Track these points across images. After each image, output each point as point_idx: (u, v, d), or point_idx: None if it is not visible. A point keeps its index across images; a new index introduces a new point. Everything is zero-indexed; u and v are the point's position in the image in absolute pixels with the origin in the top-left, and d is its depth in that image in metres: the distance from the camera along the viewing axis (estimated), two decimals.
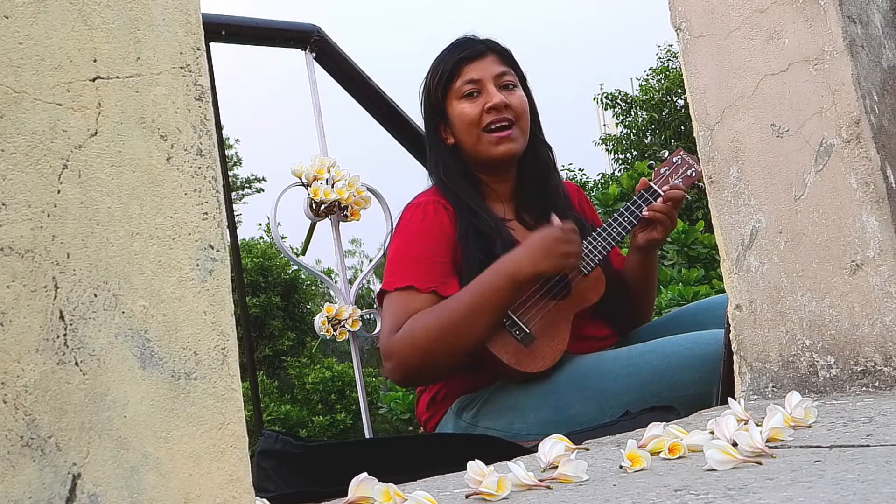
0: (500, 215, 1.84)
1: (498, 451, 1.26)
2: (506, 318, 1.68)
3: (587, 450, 1.08)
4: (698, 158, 1.41)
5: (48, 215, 0.62)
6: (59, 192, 0.62)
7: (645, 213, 1.81)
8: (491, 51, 1.88)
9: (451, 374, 1.74)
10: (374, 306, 1.95)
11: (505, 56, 1.89)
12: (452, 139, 1.88)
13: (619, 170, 14.52)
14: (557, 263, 1.67)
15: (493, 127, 1.82)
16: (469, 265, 1.71)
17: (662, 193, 1.82)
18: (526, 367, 1.68)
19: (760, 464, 0.83)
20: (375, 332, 2.14)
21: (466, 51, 1.87)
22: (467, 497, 0.85)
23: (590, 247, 1.78)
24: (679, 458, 0.94)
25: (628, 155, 15.02)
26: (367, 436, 2.20)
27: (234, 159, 21.08)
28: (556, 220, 1.72)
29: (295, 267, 13.80)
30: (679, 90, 14.03)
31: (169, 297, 0.66)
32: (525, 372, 1.68)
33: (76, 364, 0.61)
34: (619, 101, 15.42)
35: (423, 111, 1.93)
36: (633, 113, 15.31)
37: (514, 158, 1.86)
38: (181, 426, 0.65)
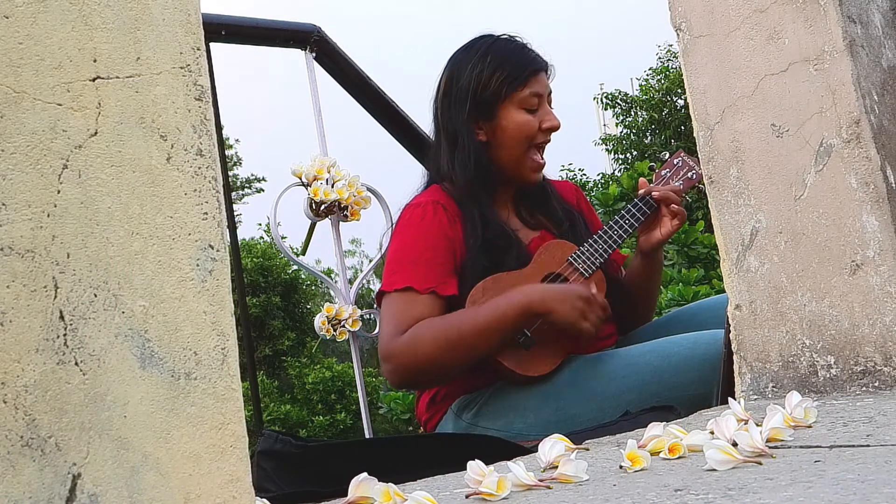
0: (505, 216, 1.85)
1: (498, 451, 1.26)
2: None
3: (587, 450, 1.08)
4: (699, 160, 1.41)
5: (48, 215, 0.62)
6: (59, 192, 0.62)
7: (671, 207, 1.79)
8: (547, 66, 1.86)
9: (447, 383, 1.75)
10: (374, 306, 1.95)
11: (550, 75, 1.88)
12: (485, 138, 1.82)
13: (619, 170, 14.53)
14: (572, 318, 1.63)
15: (540, 148, 1.82)
16: (473, 271, 1.71)
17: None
18: (527, 370, 1.68)
19: (760, 464, 0.83)
20: (375, 332, 2.14)
21: (535, 61, 1.83)
22: (467, 497, 0.85)
23: (591, 249, 1.78)
24: (679, 458, 0.94)
25: (628, 155, 15.02)
26: (367, 436, 2.20)
27: (234, 159, 21.08)
28: (594, 288, 1.69)
29: (295, 267, 13.80)
30: (679, 90, 14.03)
31: (169, 297, 0.66)
32: (526, 376, 1.68)
33: (76, 364, 0.61)
34: (619, 101, 15.43)
35: (460, 98, 1.81)
36: (633, 113, 15.31)
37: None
38: (181, 426, 0.65)
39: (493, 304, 1.65)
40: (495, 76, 1.79)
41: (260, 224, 15.61)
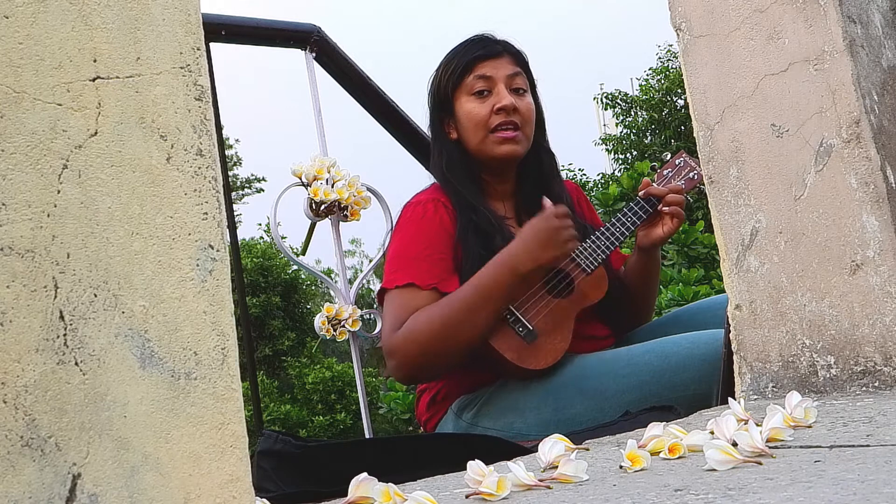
0: (500, 213, 1.84)
1: (498, 451, 1.26)
2: (509, 314, 1.68)
3: (587, 450, 1.08)
4: (700, 160, 1.41)
5: (48, 215, 0.62)
6: (59, 192, 0.62)
7: (665, 209, 1.79)
8: (507, 52, 1.87)
9: (453, 369, 1.74)
10: (374, 306, 1.95)
11: (519, 60, 1.89)
12: (455, 134, 1.87)
13: (619, 170, 14.52)
14: (557, 252, 1.68)
15: (499, 129, 1.82)
16: (469, 262, 1.71)
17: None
18: (528, 363, 1.68)
19: (760, 464, 0.83)
20: (375, 331, 2.14)
21: (483, 48, 1.86)
22: (467, 497, 0.85)
23: (593, 246, 1.78)
24: (679, 458, 0.94)
25: (628, 155, 15.02)
26: (367, 436, 2.20)
27: (234, 159, 21.08)
28: (547, 203, 1.71)
29: (295, 267, 13.80)
30: (679, 90, 14.04)
31: (169, 297, 0.66)
32: (527, 369, 1.68)
33: (76, 364, 0.61)
34: (619, 101, 15.42)
35: (430, 104, 1.91)
36: (633, 113, 15.31)
37: (515, 160, 1.86)
38: (181, 426, 0.65)
39: (479, 275, 1.66)
40: (445, 74, 1.87)
41: (260, 224, 15.63)
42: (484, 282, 1.65)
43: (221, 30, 2.18)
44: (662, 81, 14.85)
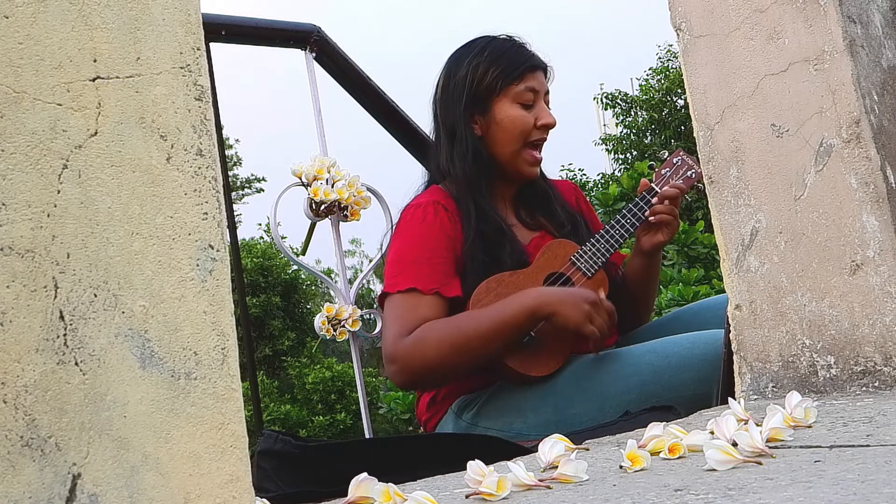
0: (503, 214, 1.84)
1: (498, 451, 1.26)
2: None
3: (587, 450, 1.08)
4: (698, 159, 1.41)
5: (48, 215, 0.62)
6: (59, 192, 0.62)
7: (651, 218, 1.81)
8: (545, 66, 1.88)
9: (454, 382, 1.75)
10: (374, 306, 1.95)
11: (549, 76, 1.89)
12: (481, 132, 1.83)
13: (619, 170, 14.52)
14: (578, 321, 1.62)
15: (536, 145, 1.83)
16: (473, 268, 1.71)
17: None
18: (530, 370, 1.68)
19: (760, 464, 0.83)
20: (375, 332, 2.14)
21: (532, 58, 1.84)
22: (467, 497, 0.85)
23: (593, 249, 1.78)
24: (679, 458, 0.93)
25: (628, 155, 15.01)
26: (367, 436, 2.20)
27: (234, 159, 21.08)
28: (602, 294, 1.69)
29: (295, 267, 13.80)
30: (679, 90, 14.03)
31: (169, 297, 0.66)
32: (529, 376, 1.68)
33: (76, 364, 0.61)
34: (619, 101, 15.42)
35: (458, 94, 1.82)
36: (633, 113, 15.30)
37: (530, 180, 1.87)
38: (181, 426, 0.65)
39: (499, 308, 1.64)
40: (491, 70, 1.81)
41: (260, 224, 15.62)
42: (503, 318, 1.63)
43: (221, 30, 2.18)
44: (662, 81, 14.84)
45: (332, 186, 2.10)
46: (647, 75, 15.36)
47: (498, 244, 1.74)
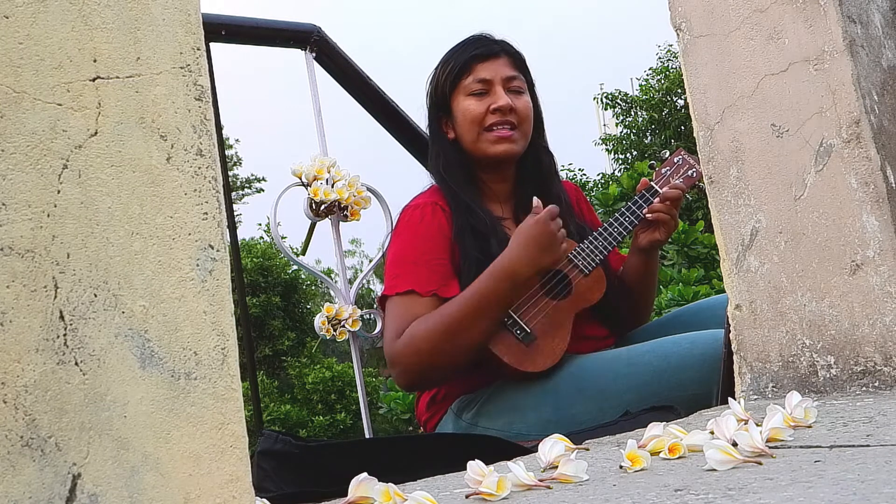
0: (498, 214, 1.84)
1: (498, 451, 1.26)
2: (507, 317, 1.68)
3: (587, 450, 1.08)
4: (699, 159, 1.41)
5: (48, 215, 0.62)
6: (59, 192, 0.62)
7: (648, 215, 1.81)
8: (505, 52, 1.88)
9: (455, 376, 1.75)
10: (374, 306, 1.94)
11: (517, 60, 1.90)
12: (453, 134, 1.88)
13: (619, 170, 14.52)
14: (554, 255, 1.68)
15: (494, 128, 1.82)
16: (467, 265, 1.72)
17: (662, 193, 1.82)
18: (527, 366, 1.68)
19: (760, 464, 0.83)
20: (375, 332, 2.14)
21: (480, 49, 1.87)
22: (467, 497, 0.85)
23: (591, 246, 1.78)
24: (679, 458, 0.94)
25: (628, 155, 15.01)
26: (367, 436, 2.20)
27: (234, 159, 21.08)
28: (537, 204, 1.70)
29: (295, 267, 13.80)
30: (679, 90, 14.03)
31: (169, 297, 0.66)
32: (526, 371, 1.68)
33: (76, 364, 0.61)
34: (619, 101, 15.42)
35: (428, 103, 1.92)
36: (633, 113, 15.31)
37: (511, 159, 1.86)
38: (181, 426, 0.65)
39: (479, 282, 1.65)
40: (444, 73, 1.88)
41: (260, 224, 15.61)
42: (483, 290, 1.64)
43: (221, 30, 2.18)
44: (662, 81, 14.84)
45: (332, 186, 2.10)
46: (647, 75, 15.37)
47: (485, 238, 1.75)
